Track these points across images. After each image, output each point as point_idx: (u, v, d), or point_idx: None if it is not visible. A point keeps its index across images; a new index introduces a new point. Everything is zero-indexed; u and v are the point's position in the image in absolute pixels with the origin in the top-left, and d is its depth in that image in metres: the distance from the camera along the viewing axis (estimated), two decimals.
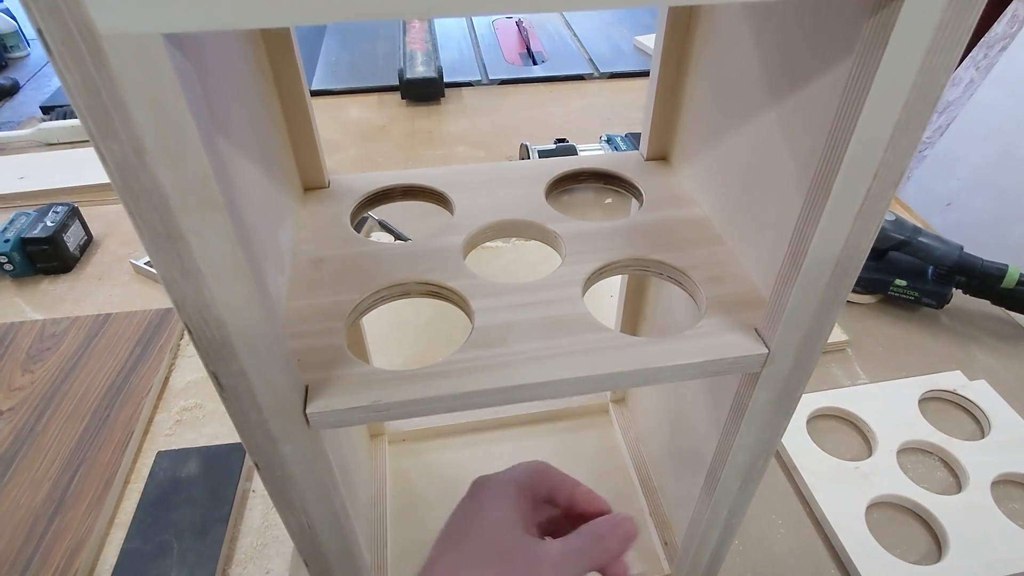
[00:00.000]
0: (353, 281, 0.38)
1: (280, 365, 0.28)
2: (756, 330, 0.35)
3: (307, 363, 0.33)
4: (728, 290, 0.37)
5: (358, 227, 0.43)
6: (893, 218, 0.80)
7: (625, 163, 0.48)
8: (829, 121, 0.27)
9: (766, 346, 0.33)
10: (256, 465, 0.32)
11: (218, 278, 0.23)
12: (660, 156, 0.49)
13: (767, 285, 0.36)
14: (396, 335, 0.80)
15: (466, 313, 0.37)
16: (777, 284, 0.32)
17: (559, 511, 0.36)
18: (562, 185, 0.48)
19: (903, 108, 0.24)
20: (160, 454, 0.64)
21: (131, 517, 0.58)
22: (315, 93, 1.40)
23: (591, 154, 0.99)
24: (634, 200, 0.48)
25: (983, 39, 1.82)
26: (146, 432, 0.68)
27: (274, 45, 0.39)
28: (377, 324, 0.81)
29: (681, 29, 0.42)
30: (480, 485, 0.34)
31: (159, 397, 0.72)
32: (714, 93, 0.40)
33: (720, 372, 0.34)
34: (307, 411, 0.30)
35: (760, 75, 0.34)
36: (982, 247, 0.81)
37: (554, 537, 0.32)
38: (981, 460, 0.64)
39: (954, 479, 0.64)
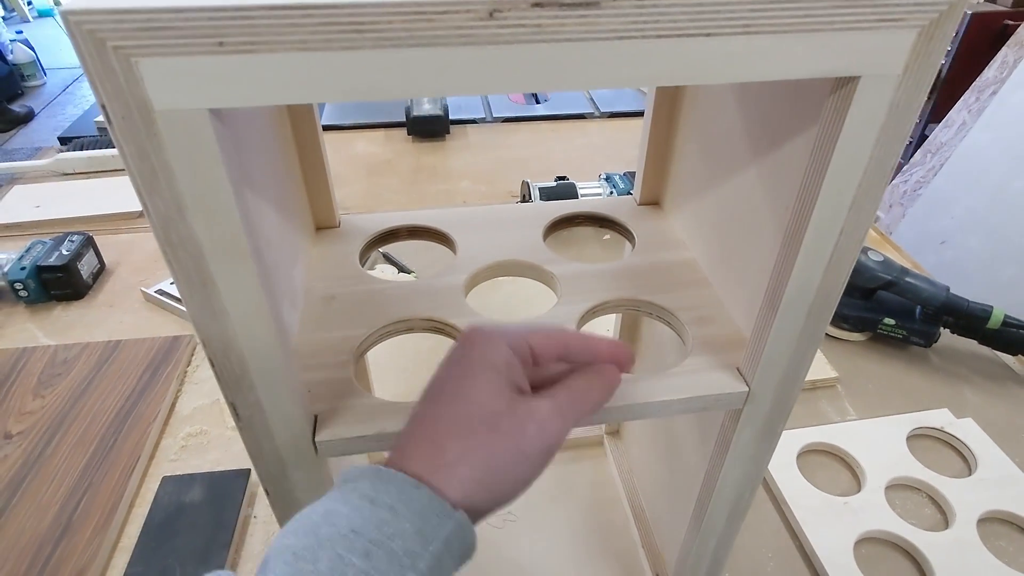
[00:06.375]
0: (361, 317, 0.40)
1: (293, 397, 0.30)
2: (738, 369, 0.37)
3: (317, 394, 0.35)
4: (713, 331, 0.40)
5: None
6: (881, 259, 0.82)
7: (619, 207, 0.51)
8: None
9: (747, 384, 0.36)
10: (267, 491, 0.34)
11: (242, 319, 0.26)
12: (652, 201, 0.52)
13: (749, 327, 0.38)
14: (398, 365, 0.83)
15: None
16: (756, 327, 0.34)
17: (557, 365, 0.33)
18: (560, 227, 0.51)
19: (863, 173, 0.27)
20: (165, 479, 0.65)
21: (135, 541, 0.60)
22: (324, 128, 1.44)
23: (589, 196, 1.03)
24: (627, 242, 0.51)
25: (974, 83, 1.88)
26: (152, 457, 0.69)
27: None
28: (380, 355, 0.83)
29: (671, 91, 0.45)
30: (470, 340, 0.31)
31: (165, 423, 0.73)
32: (702, 148, 0.43)
33: (703, 409, 0.36)
34: (316, 439, 0.32)
35: (743, 135, 0.37)
36: (975, 286, 0.83)
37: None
38: (968, 497, 0.65)
39: (941, 516, 0.65)
